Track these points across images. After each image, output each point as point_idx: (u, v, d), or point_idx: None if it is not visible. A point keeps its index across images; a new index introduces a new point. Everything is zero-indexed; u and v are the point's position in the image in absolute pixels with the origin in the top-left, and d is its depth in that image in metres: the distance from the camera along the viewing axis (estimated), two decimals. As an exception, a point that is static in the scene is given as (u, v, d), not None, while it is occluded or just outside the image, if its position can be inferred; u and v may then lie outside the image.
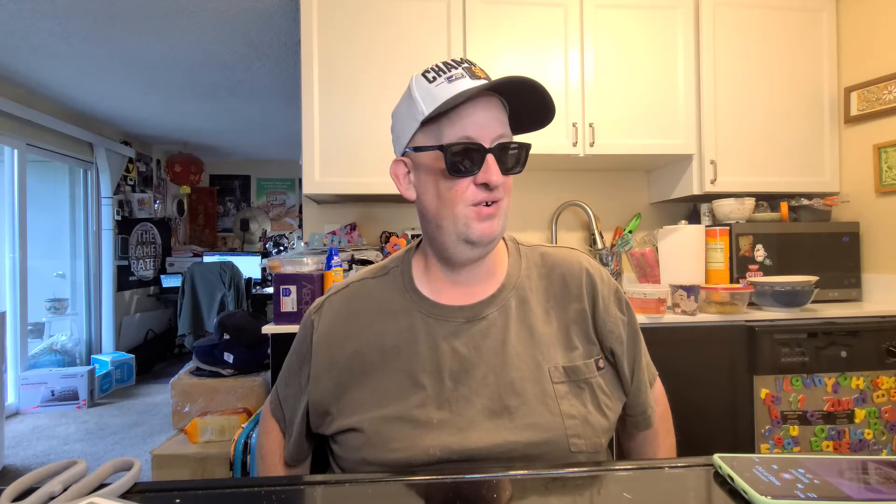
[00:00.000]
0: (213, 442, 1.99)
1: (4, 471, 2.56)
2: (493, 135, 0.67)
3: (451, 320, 0.71)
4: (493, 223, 0.68)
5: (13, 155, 3.49)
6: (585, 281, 0.75)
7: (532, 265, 0.77)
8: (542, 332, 0.71)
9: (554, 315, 0.73)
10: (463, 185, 0.67)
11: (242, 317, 2.50)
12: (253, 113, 4.08)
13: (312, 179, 1.93)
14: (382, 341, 0.71)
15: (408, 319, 0.72)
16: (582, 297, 0.74)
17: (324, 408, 0.71)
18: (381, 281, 0.78)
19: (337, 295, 0.79)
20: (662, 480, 0.43)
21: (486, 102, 0.67)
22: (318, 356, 0.73)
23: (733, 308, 1.73)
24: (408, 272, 0.77)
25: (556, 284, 0.75)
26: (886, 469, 0.40)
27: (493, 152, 0.66)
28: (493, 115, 0.67)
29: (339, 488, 0.41)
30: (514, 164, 0.69)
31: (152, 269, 5.01)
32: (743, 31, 2.07)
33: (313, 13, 1.93)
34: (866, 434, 1.70)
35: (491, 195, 0.67)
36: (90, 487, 0.40)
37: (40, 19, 2.51)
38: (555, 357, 0.70)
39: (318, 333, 0.75)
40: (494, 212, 0.68)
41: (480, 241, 0.68)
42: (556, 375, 0.69)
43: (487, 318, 0.71)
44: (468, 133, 0.66)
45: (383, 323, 0.73)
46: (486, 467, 0.62)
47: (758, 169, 2.07)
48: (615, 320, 0.75)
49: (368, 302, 0.76)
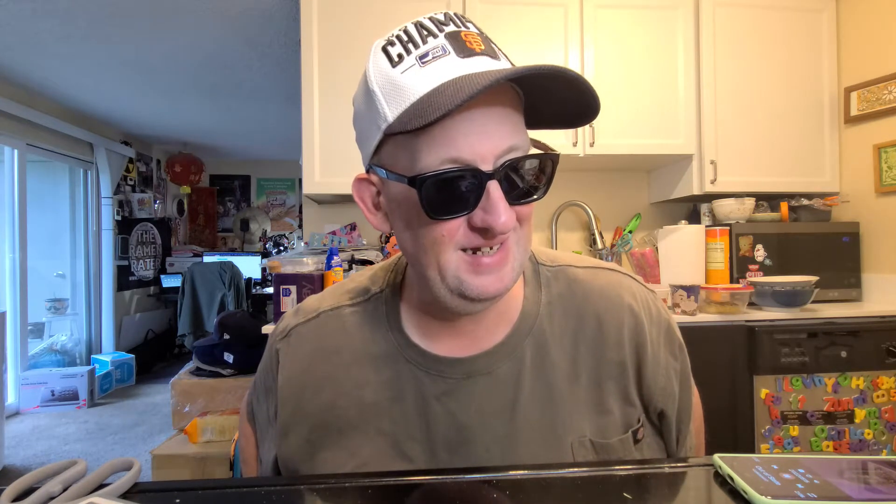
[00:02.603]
0: (213, 442, 2.00)
1: (4, 471, 2.56)
2: (498, 149, 0.45)
3: (446, 377, 0.54)
4: (503, 275, 0.48)
5: (13, 155, 3.49)
6: (629, 322, 0.56)
7: (556, 297, 0.57)
8: (566, 392, 0.54)
9: (583, 369, 0.55)
10: (452, 227, 0.47)
11: (242, 317, 2.50)
12: (253, 113, 4.08)
13: (312, 179, 1.93)
14: (361, 394, 0.55)
15: (392, 369, 0.56)
16: (622, 345, 0.56)
17: (293, 466, 0.57)
18: (360, 312, 0.59)
19: (306, 325, 0.61)
20: (662, 480, 0.43)
21: (487, 99, 0.44)
22: (284, 403, 0.58)
23: (733, 308, 1.73)
24: (394, 303, 0.59)
25: (588, 326, 0.56)
26: (886, 469, 0.40)
27: (496, 177, 0.45)
28: (497, 117, 0.45)
29: (339, 488, 0.41)
30: (532, 185, 0.47)
31: (152, 269, 5.01)
32: (743, 31, 2.07)
33: (313, 13, 1.93)
34: (866, 434, 1.70)
35: (489, 241, 0.47)
36: (90, 487, 0.40)
37: (40, 19, 2.51)
38: (580, 426, 0.53)
39: (283, 373, 0.59)
40: (501, 260, 0.48)
41: (482, 298, 0.48)
42: (580, 453, 0.53)
43: (494, 374, 0.54)
44: (456, 153, 0.44)
45: (362, 370, 0.56)
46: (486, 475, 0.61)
47: (758, 169, 2.07)
48: (667, 371, 0.57)
49: (344, 338, 0.58)
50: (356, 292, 0.61)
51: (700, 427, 0.68)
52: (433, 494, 0.42)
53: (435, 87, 0.43)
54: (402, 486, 0.42)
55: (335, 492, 0.41)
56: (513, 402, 0.53)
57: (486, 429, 0.53)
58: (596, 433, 0.53)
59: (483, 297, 0.48)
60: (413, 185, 0.44)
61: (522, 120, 0.48)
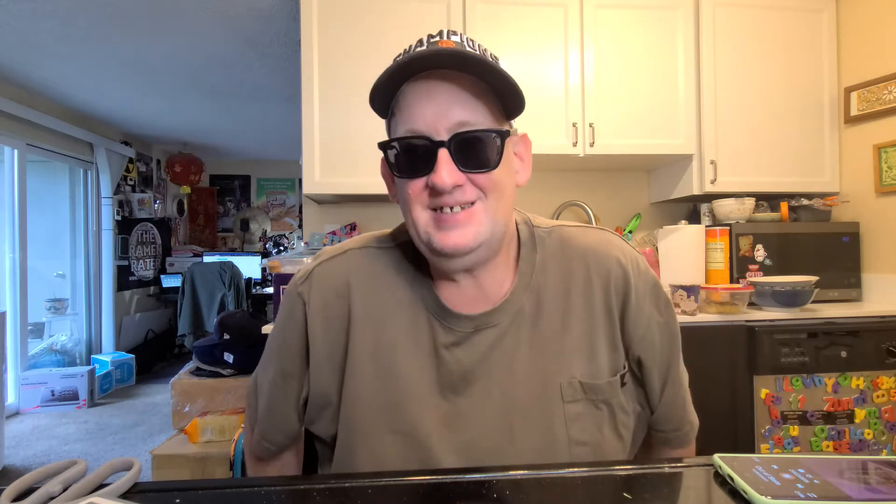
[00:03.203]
0: (213, 442, 1.99)
1: (4, 471, 2.56)
2: (450, 123, 0.53)
3: (456, 329, 0.61)
4: (465, 233, 0.55)
5: (13, 155, 3.49)
6: (615, 273, 0.62)
7: (550, 255, 0.64)
8: (560, 339, 0.61)
9: (575, 318, 0.62)
10: (416, 186, 0.56)
11: (242, 317, 2.50)
12: (253, 113, 4.08)
13: (312, 179, 1.93)
14: (379, 331, 0.62)
15: (412, 313, 0.62)
16: (609, 293, 0.62)
17: (325, 399, 0.63)
18: (386, 255, 0.66)
19: (331, 262, 0.66)
20: (662, 480, 0.43)
21: (443, 83, 0.54)
22: (315, 339, 0.63)
23: (733, 308, 1.73)
24: (417, 255, 0.64)
25: (579, 280, 0.63)
26: (886, 469, 0.40)
27: (447, 146, 0.53)
28: (452, 97, 0.54)
29: (339, 488, 0.41)
30: (480, 156, 0.54)
31: (152, 269, 5.01)
32: (743, 31, 2.07)
33: (313, 13, 1.93)
34: (866, 434, 1.70)
35: (444, 200, 0.54)
36: (90, 487, 0.40)
37: (40, 19, 2.51)
38: (571, 369, 0.60)
39: (310, 310, 0.64)
40: (465, 220, 0.55)
41: (450, 253, 0.56)
42: (569, 392, 0.59)
43: (497, 326, 0.61)
44: (414, 125, 0.54)
45: (384, 309, 0.63)
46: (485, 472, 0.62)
47: (758, 169, 2.07)
48: (649, 322, 0.63)
49: (369, 278, 0.64)
50: (385, 238, 0.68)
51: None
52: (433, 494, 0.42)
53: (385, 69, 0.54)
54: (402, 486, 0.42)
55: (335, 492, 0.41)
56: (512, 349, 0.61)
57: (487, 373, 0.60)
58: (586, 376, 0.60)
59: (446, 251, 0.55)
60: (381, 149, 0.57)
61: (484, 104, 0.55)
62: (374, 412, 0.61)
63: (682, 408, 0.67)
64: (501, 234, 0.59)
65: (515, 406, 0.59)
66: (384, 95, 0.57)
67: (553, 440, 0.59)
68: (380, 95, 0.56)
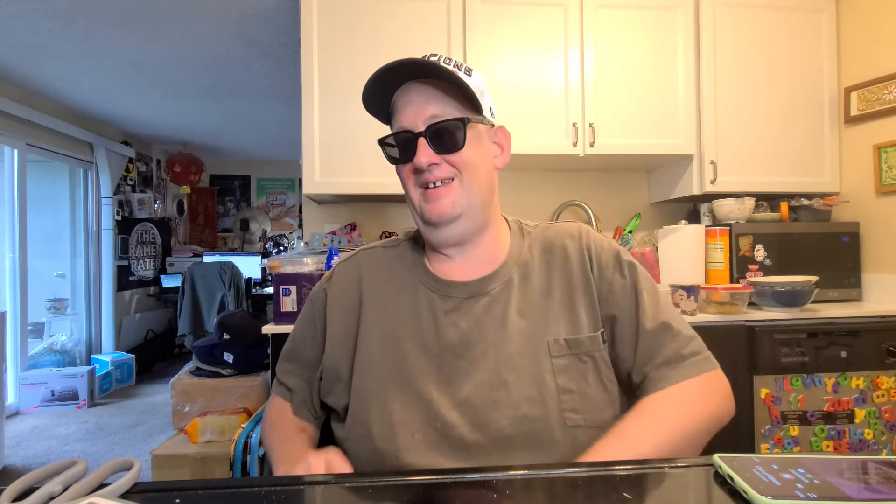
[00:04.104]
0: (213, 442, 1.99)
1: (4, 471, 2.56)
2: (423, 116, 0.68)
3: (453, 296, 0.72)
4: (444, 203, 0.69)
5: (13, 155, 3.49)
6: (585, 247, 0.75)
7: (535, 241, 0.77)
8: (545, 305, 0.71)
9: (557, 287, 0.73)
10: (408, 169, 0.71)
11: (242, 317, 2.50)
12: (253, 113, 4.08)
13: (312, 179, 1.93)
14: (385, 310, 0.74)
15: (413, 294, 0.74)
16: (584, 263, 0.74)
17: (336, 374, 0.74)
18: (391, 252, 0.81)
19: (346, 263, 0.82)
20: (662, 480, 0.43)
21: (422, 87, 0.69)
22: (333, 322, 0.76)
23: (733, 308, 1.73)
24: (416, 247, 0.79)
25: (557, 256, 0.75)
26: (886, 469, 0.40)
27: (424, 135, 0.68)
28: (426, 97, 0.68)
29: (340, 488, 0.41)
30: (449, 140, 0.68)
31: (152, 269, 5.01)
32: (743, 31, 2.07)
33: (313, 13, 1.93)
34: (866, 434, 1.70)
35: (426, 177, 0.69)
36: (90, 487, 0.40)
37: (40, 19, 2.51)
38: (557, 330, 0.70)
39: (330, 300, 0.78)
40: (445, 193, 0.69)
41: (437, 222, 0.70)
42: (555, 349, 0.68)
43: (490, 293, 0.72)
44: (402, 123, 0.69)
45: (389, 293, 0.76)
46: (485, 456, 0.62)
47: (758, 169, 2.07)
48: (611, 285, 0.72)
49: (379, 268, 0.79)
50: (389, 242, 0.84)
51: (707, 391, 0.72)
52: (433, 494, 0.42)
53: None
54: (402, 486, 0.42)
55: (336, 492, 0.41)
56: (503, 314, 0.70)
57: (482, 335, 0.69)
58: (569, 334, 0.70)
59: (432, 219, 0.70)
60: (379, 145, 0.73)
61: (454, 101, 0.69)
62: (382, 376, 0.70)
63: (665, 349, 0.69)
64: (480, 205, 0.72)
65: (509, 363, 0.67)
66: (382, 106, 0.73)
67: (544, 389, 0.66)
68: (376, 105, 0.73)
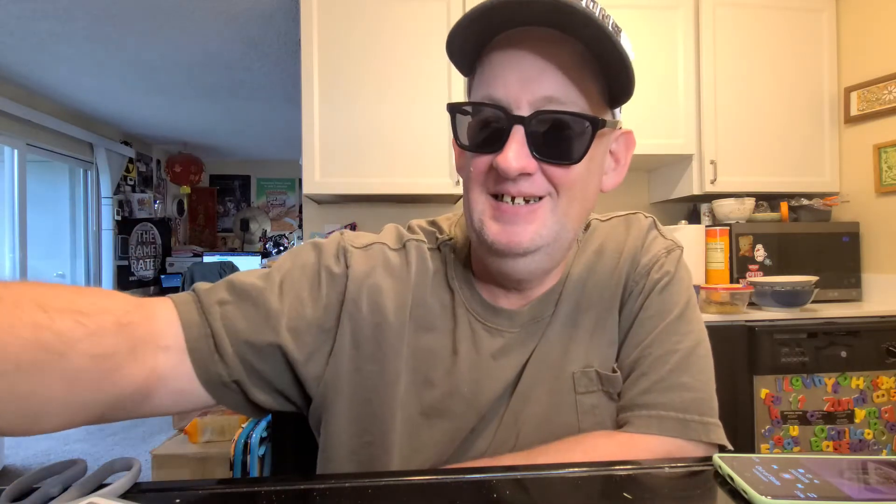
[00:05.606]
0: (213, 442, 1.99)
1: (4, 471, 2.56)
2: (534, 96, 0.44)
3: (504, 331, 0.54)
4: (523, 231, 0.47)
5: (13, 155, 3.49)
6: (628, 265, 0.57)
7: (583, 248, 0.59)
8: (575, 327, 0.55)
9: (594, 311, 0.56)
10: (481, 164, 0.48)
11: (242, 317, 2.49)
12: (253, 113, 4.08)
13: (312, 179, 1.93)
14: (411, 337, 0.53)
15: (449, 318, 0.54)
16: (620, 282, 0.57)
17: (336, 388, 0.52)
18: (419, 255, 0.57)
19: (361, 253, 0.56)
20: (662, 480, 0.43)
21: (539, 44, 0.44)
22: (346, 317, 0.52)
23: (733, 308, 1.73)
24: (464, 254, 0.57)
25: (599, 272, 0.57)
26: (886, 469, 0.40)
27: (524, 123, 0.44)
28: (544, 68, 0.44)
29: (339, 488, 0.41)
30: (564, 145, 0.45)
31: (152, 269, 5.01)
32: (743, 31, 2.07)
33: (313, 13, 1.93)
34: (866, 434, 1.70)
35: (507, 188, 0.46)
36: (90, 487, 0.40)
37: (40, 19, 2.51)
38: (586, 358, 0.54)
39: (351, 285, 0.53)
40: (525, 217, 0.47)
41: (500, 250, 0.48)
42: (582, 383, 0.53)
43: (540, 322, 0.55)
44: (492, 92, 0.45)
45: (418, 309, 0.54)
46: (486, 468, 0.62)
47: (758, 169, 2.07)
48: (630, 314, 0.56)
49: (404, 275, 0.55)
50: (426, 235, 0.60)
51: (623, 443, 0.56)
52: (434, 494, 0.42)
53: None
54: (402, 486, 0.42)
55: (336, 492, 0.41)
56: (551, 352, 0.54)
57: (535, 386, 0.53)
58: (603, 364, 0.54)
59: (497, 247, 0.48)
60: (449, 112, 0.48)
61: (583, 80, 0.46)
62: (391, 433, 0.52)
63: (647, 383, 0.53)
64: (567, 244, 0.52)
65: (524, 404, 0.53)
66: (465, 50, 0.47)
67: (561, 436, 0.51)
68: (459, 48, 0.47)
